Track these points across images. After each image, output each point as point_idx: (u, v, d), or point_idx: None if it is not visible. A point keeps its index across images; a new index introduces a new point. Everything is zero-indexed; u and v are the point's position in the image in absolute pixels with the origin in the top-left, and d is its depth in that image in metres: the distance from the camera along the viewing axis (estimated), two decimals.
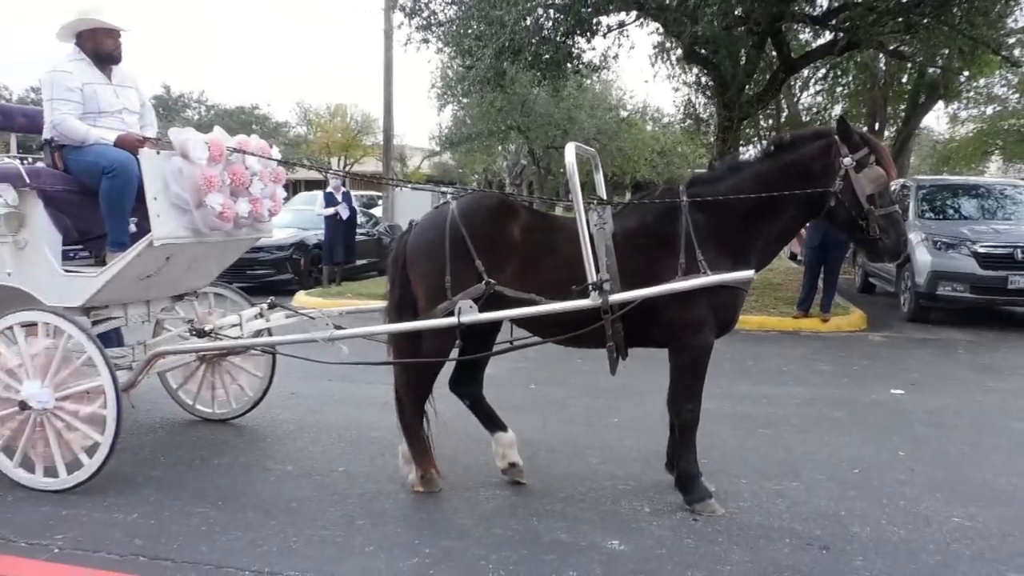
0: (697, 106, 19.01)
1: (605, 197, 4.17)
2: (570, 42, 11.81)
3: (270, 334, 5.10)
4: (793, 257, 9.48)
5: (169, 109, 38.55)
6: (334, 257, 13.15)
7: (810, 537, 3.62)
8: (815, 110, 22.32)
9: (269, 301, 5.12)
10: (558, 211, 8.60)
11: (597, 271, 3.67)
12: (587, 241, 3.67)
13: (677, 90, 24.90)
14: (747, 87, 13.22)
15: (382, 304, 4.42)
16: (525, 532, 3.64)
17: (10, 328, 4.08)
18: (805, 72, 19.38)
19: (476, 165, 38.59)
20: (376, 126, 40.22)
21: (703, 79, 16.43)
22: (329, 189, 13.42)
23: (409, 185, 18.72)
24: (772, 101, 17.79)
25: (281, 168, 4.80)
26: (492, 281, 3.76)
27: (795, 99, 22.24)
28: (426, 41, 12.80)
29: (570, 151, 3.83)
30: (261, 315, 5.06)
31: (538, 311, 3.71)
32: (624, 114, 30.57)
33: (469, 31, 11.63)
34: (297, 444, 4.98)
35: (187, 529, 3.63)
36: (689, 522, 3.76)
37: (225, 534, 3.58)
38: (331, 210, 12.93)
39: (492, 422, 4.27)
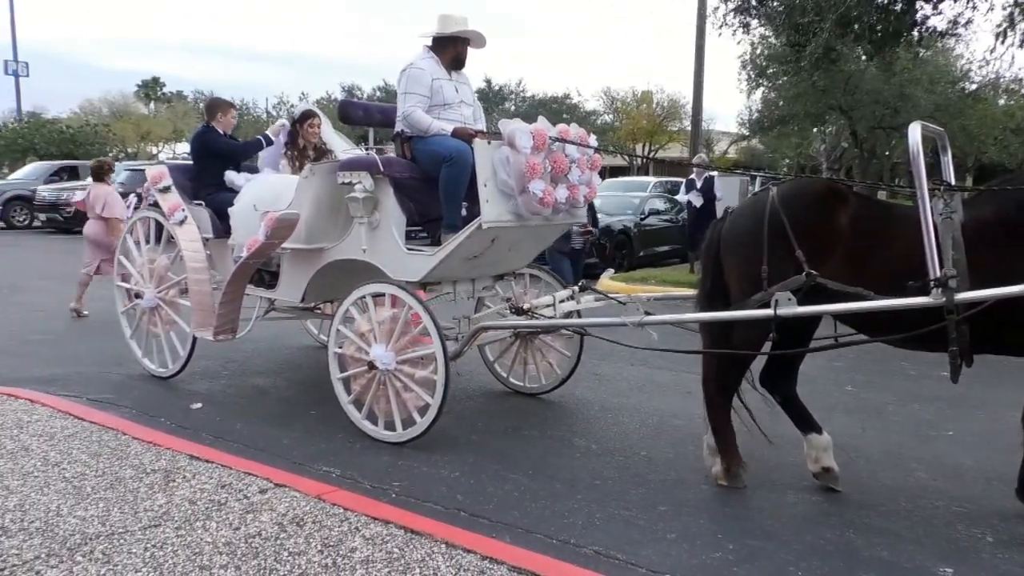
0: None
1: (953, 182, 3.68)
2: (912, 9, 10.56)
3: (580, 316, 5.28)
4: None
5: (489, 102, 41.61)
6: (695, 244, 12.96)
7: None
8: None
9: (580, 284, 5.30)
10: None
11: (941, 266, 3.26)
12: (930, 231, 3.27)
13: None
14: None
15: (691, 292, 4.36)
16: (839, 543, 3.37)
17: (363, 298, 4.69)
18: None
19: (787, 149, 36.42)
20: (683, 112, 39.79)
21: None
22: (692, 176, 13.22)
23: (716, 171, 18.20)
24: None
25: (598, 155, 4.94)
26: (814, 273, 3.51)
27: None
28: (745, 25, 12.24)
29: (914, 130, 3.43)
30: (572, 297, 5.26)
31: (867, 307, 3.39)
32: (972, 87, 26.68)
33: (799, 6, 10.84)
34: (600, 424, 5.11)
35: (501, 492, 3.91)
36: None
37: (534, 502, 3.79)
38: (700, 199, 12.70)
39: (805, 422, 4.01)
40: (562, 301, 5.17)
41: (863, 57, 12.82)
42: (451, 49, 5.04)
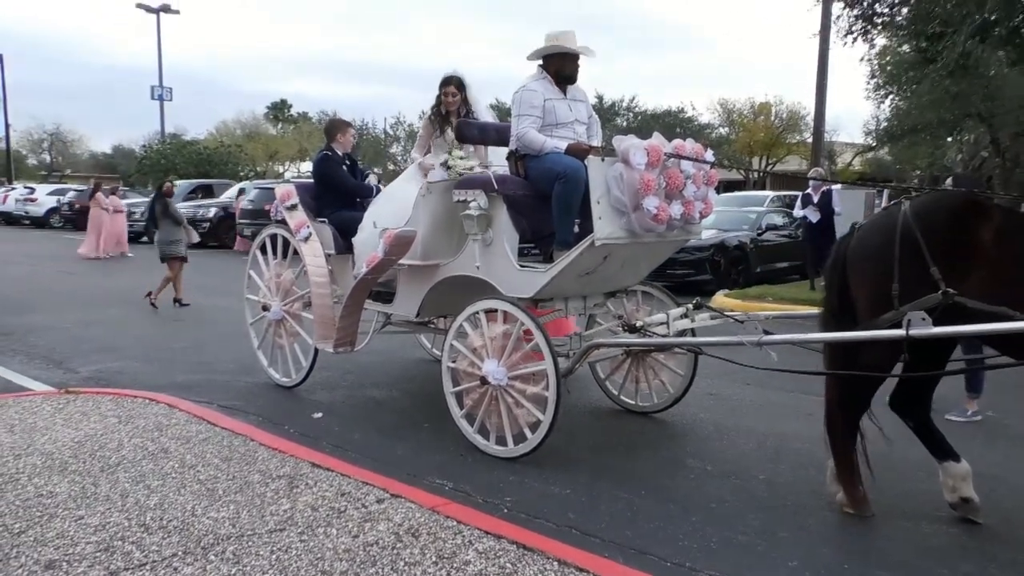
0: None
1: None
2: None
3: (694, 334, 5.17)
4: None
5: (601, 118, 41.30)
6: (814, 261, 12.34)
7: None
8: None
9: (695, 301, 5.19)
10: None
11: None
12: None
13: None
14: None
15: (812, 310, 4.19)
16: None
17: (476, 313, 4.76)
18: None
19: (919, 160, 34.45)
20: (803, 123, 38.40)
21: None
22: (808, 190, 12.65)
23: (837, 184, 17.43)
24: None
25: (715, 171, 4.84)
26: (951, 291, 3.30)
27: None
28: (866, 33, 11.70)
29: None
30: (686, 315, 5.15)
31: (1011, 328, 3.16)
32: None
33: (928, 14, 10.27)
34: (715, 445, 4.97)
35: (613, 511, 3.86)
36: None
37: (648, 522, 3.73)
38: (816, 214, 12.01)
39: (941, 449, 3.76)
40: (676, 319, 5.07)
41: (1004, 61, 11.95)
42: (553, 66, 5.00)
